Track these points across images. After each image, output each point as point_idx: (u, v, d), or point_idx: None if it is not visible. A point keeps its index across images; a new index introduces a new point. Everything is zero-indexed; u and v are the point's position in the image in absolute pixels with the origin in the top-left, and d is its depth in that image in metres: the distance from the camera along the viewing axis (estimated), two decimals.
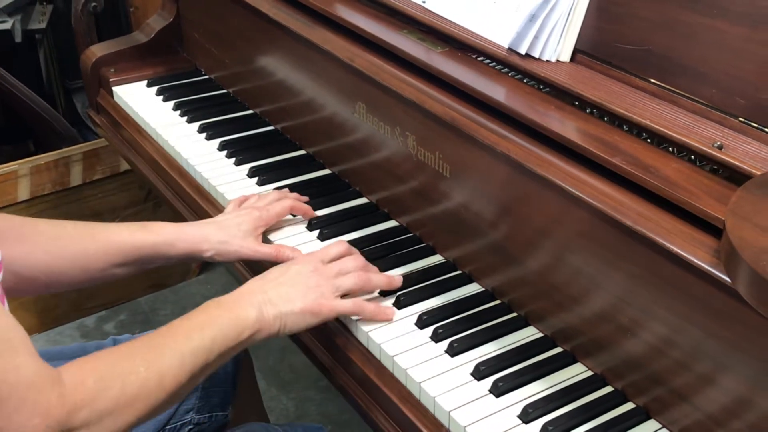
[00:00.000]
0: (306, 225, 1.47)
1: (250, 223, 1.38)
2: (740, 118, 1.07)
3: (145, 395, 1.01)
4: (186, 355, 1.06)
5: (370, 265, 1.31)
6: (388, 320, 1.26)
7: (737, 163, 1.01)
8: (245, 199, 1.48)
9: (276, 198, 1.46)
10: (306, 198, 1.53)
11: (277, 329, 1.17)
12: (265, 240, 1.42)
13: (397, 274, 1.32)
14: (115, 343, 1.44)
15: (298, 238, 1.44)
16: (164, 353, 1.05)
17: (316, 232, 1.45)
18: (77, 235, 1.29)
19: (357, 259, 1.29)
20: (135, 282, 2.68)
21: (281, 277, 1.21)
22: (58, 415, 0.92)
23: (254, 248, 1.37)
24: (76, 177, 2.40)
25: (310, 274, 1.22)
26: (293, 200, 1.47)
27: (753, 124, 1.06)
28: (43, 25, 2.69)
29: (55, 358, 1.15)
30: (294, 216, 1.49)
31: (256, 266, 1.45)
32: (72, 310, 2.60)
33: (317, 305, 1.19)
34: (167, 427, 1.43)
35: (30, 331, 0.98)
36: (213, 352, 1.09)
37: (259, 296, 1.17)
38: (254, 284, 1.20)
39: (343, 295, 1.24)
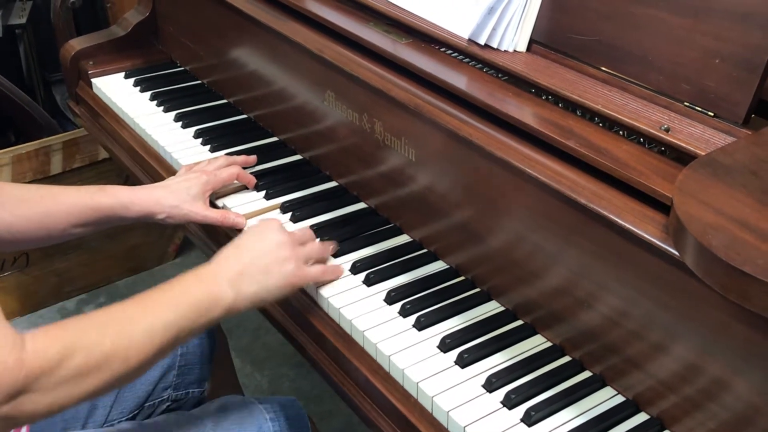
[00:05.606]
0: (279, 209, 1.47)
1: (198, 187, 1.42)
2: (685, 103, 1.09)
3: (108, 368, 0.98)
4: (156, 331, 1.04)
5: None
6: (340, 275, 1.29)
7: (683, 145, 1.03)
8: (197, 164, 1.52)
9: (224, 164, 1.50)
10: (254, 158, 1.57)
11: (254, 304, 1.17)
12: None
13: (333, 243, 1.35)
14: None
15: None
16: (134, 328, 1.02)
17: (289, 215, 1.45)
18: (40, 198, 1.31)
19: (309, 229, 1.33)
20: (113, 266, 2.66)
21: (257, 245, 1.20)
22: (11, 379, 0.89)
23: (203, 213, 1.41)
24: (56, 165, 2.38)
25: (282, 240, 1.21)
26: (239, 168, 1.51)
27: (697, 108, 1.08)
28: (23, 21, 2.65)
29: None
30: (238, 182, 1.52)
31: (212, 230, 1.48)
32: (52, 294, 2.58)
33: (296, 278, 1.20)
34: (146, 405, 1.43)
35: (11, 315, 0.96)
36: (184, 329, 1.07)
37: (237, 268, 1.15)
38: (231, 256, 1.18)
39: None
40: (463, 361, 1.15)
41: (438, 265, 1.34)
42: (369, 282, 1.29)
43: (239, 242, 1.21)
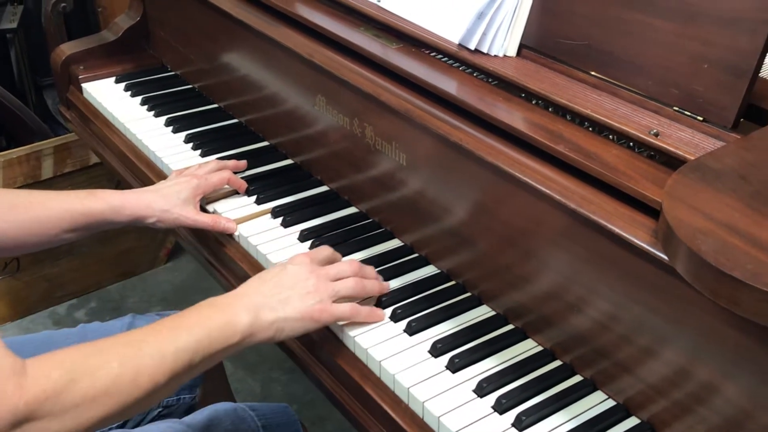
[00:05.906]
0: (270, 214, 1.47)
1: (189, 192, 1.42)
2: (674, 107, 1.09)
3: (116, 392, 0.94)
4: (167, 354, 0.99)
5: (364, 267, 1.25)
6: (380, 321, 1.23)
7: (672, 149, 1.03)
8: (187, 168, 1.52)
9: (214, 168, 1.50)
10: (244, 162, 1.58)
11: (273, 334, 1.11)
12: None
13: (390, 283, 1.29)
14: (85, 330, 1.44)
15: (261, 226, 1.44)
16: (143, 350, 0.98)
17: (280, 219, 1.45)
18: (30, 204, 1.30)
19: (352, 264, 1.23)
20: (104, 271, 2.66)
21: (279, 278, 1.16)
22: (11, 405, 0.86)
23: (193, 217, 1.41)
24: (47, 170, 2.38)
25: (308, 276, 1.17)
26: (230, 172, 1.51)
27: (686, 112, 1.08)
28: (14, 25, 2.65)
29: (24, 345, 1.14)
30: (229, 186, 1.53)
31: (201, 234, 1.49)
32: (43, 299, 2.57)
33: (317, 311, 1.14)
34: None
35: (2, 321, 0.94)
36: (198, 354, 1.02)
37: (255, 298, 1.11)
38: (251, 286, 1.15)
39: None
40: (454, 366, 1.15)
41: (429, 270, 1.34)
42: None
43: (262, 274, 1.18)
